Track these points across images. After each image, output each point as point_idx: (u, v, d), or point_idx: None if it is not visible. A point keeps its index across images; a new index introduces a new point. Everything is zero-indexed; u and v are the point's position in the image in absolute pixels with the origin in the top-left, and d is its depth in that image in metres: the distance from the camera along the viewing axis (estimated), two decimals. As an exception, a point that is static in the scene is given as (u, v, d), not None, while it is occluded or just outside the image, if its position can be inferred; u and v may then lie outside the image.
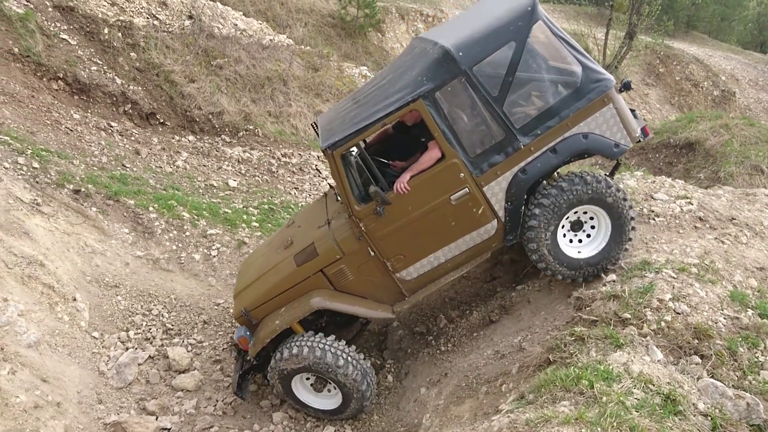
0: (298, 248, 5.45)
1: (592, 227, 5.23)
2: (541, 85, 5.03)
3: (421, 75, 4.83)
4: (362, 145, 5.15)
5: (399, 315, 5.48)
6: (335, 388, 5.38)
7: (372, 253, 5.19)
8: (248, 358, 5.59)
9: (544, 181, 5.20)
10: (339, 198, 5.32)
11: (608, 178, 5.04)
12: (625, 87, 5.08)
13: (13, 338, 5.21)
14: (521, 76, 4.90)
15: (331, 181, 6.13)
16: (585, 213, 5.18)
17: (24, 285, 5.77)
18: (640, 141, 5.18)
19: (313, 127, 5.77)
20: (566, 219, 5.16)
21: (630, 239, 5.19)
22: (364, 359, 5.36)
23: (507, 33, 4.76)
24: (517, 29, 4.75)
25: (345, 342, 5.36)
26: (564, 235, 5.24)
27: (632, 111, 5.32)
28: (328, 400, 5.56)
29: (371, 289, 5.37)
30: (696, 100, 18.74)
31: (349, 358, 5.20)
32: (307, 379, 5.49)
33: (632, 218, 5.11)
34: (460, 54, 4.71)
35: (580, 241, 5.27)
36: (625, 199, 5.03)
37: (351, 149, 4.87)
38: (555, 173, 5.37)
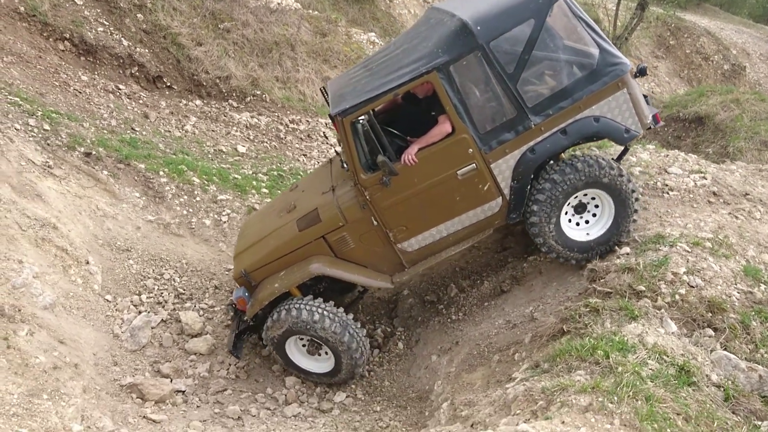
0: (301, 213, 5.46)
1: (596, 206, 5.24)
2: (556, 65, 5.00)
3: (437, 47, 4.77)
4: (371, 113, 5.09)
5: (397, 286, 5.53)
6: (328, 352, 5.45)
7: (375, 223, 5.20)
8: (245, 318, 5.64)
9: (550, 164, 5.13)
10: (345, 165, 5.30)
11: (600, 158, 4.99)
12: (641, 72, 5.04)
13: (30, 300, 5.25)
14: (537, 54, 4.86)
15: (339, 148, 6.09)
16: (585, 195, 5.18)
17: (38, 247, 5.79)
18: (650, 128, 5.15)
19: (323, 92, 5.75)
20: (568, 205, 5.17)
21: (636, 210, 5.17)
22: (359, 325, 5.42)
23: (527, 10, 4.70)
24: (537, 7, 4.68)
25: (341, 308, 5.41)
26: (569, 221, 5.25)
27: (645, 97, 5.29)
28: (321, 364, 5.63)
29: (372, 259, 5.40)
30: (706, 74, 18.55)
31: (343, 323, 5.25)
32: (302, 341, 5.55)
33: (633, 191, 5.08)
34: (479, 28, 4.65)
35: (587, 222, 5.28)
36: (621, 175, 5.00)
37: (360, 117, 4.83)
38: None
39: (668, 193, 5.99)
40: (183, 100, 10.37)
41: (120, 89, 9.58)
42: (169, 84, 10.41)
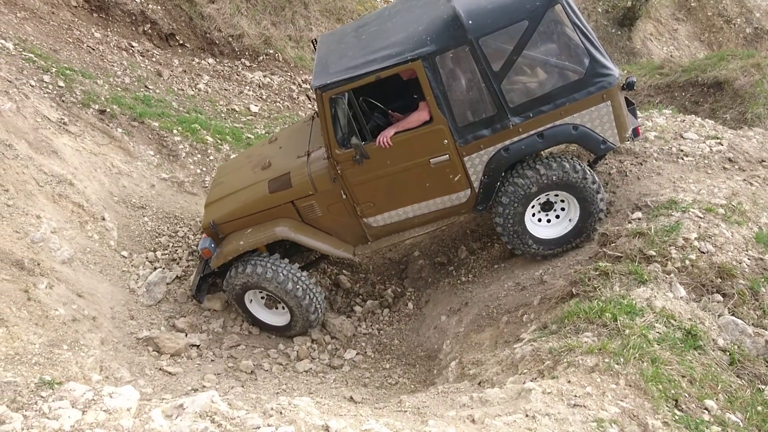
0: (274, 174, 5.53)
1: (563, 208, 5.33)
2: (543, 69, 4.98)
3: (426, 33, 4.71)
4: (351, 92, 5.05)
5: (358, 258, 5.65)
6: (285, 307, 5.61)
7: (344, 196, 5.28)
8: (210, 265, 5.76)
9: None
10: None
11: (571, 161, 5.03)
12: (628, 87, 5.01)
13: (48, 254, 5.36)
14: (526, 56, 4.82)
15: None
16: (556, 195, 5.25)
17: (55, 203, 5.88)
18: (629, 141, 5.19)
19: (313, 44, 5.76)
20: (536, 201, 5.25)
21: (600, 216, 5.25)
22: (319, 289, 5.60)
23: (522, 11, 4.61)
24: (533, 8, 4.60)
25: (300, 266, 5.55)
26: (533, 216, 5.35)
27: (632, 107, 5.34)
28: (277, 317, 5.82)
29: (337, 228, 5.51)
30: (727, 38, 18.08)
31: (299, 282, 5.41)
32: (260, 295, 5.72)
33: (602, 199, 5.17)
34: (470, 22, 4.58)
35: (548, 221, 5.39)
36: (588, 180, 5.04)
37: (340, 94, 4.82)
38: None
39: (683, 159, 5.95)
40: (196, 58, 10.32)
41: (133, 47, 9.54)
42: (181, 42, 10.35)
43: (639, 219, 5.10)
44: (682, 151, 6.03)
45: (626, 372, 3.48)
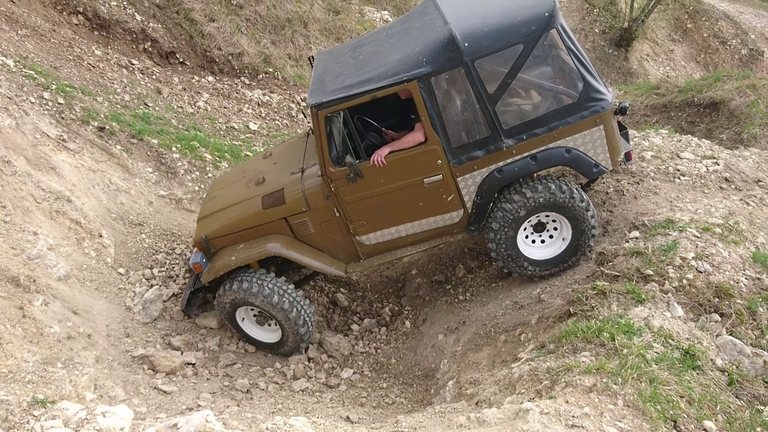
0: (268, 189, 5.52)
1: (555, 228, 5.36)
2: (538, 92, 5.03)
3: (423, 54, 4.75)
4: (347, 111, 5.07)
5: (350, 276, 5.65)
6: (276, 324, 5.60)
7: (337, 214, 5.28)
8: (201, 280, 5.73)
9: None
10: None
11: (563, 183, 5.06)
12: (621, 111, 5.06)
13: (44, 271, 5.34)
14: (521, 78, 4.87)
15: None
16: (547, 216, 5.27)
17: (52, 220, 5.87)
18: (621, 165, 5.22)
19: (310, 62, 5.78)
20: (528, 223, 5.28)
21: (593, 236, 5.27)
22: (307, 302, 5.58)
23: (518, 34, 4.65)
24: (528, 33, 4.64)
25: (292, 284, 5.53)
26: (527, 237, 5.38)
27: (624, 132, 5.39)
28: (269, 334, 5.79)
29: (329, 246, 5.50)
30: (723, 59, 18.27)
31: (291, 299, 5.41)
32: (253, 311, 5.70)
33: (592, 216, 5.17)
34: (466, 44, 4.62)
35: (542, 241, 5.41)
36: (579, 201, 5.07)
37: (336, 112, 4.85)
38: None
39: (680, 179, 5.97)
40: (195, 76, 10.38)
41: (133, 64, 9.60)
42: (181, 60, 10.43)
43: (636, 238, 5.11)
44: (678, 170, 6.06)
45: (624, 392, 3.46)
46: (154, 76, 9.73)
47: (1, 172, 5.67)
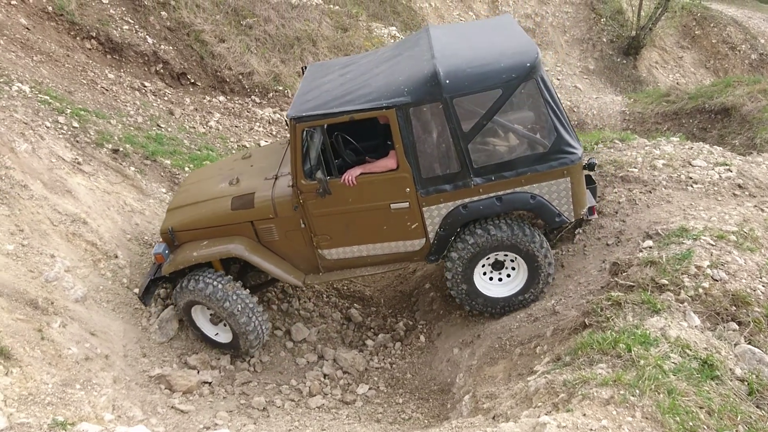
0: (239, 191, 5.60)
1: (513, 268, 5.48)
2: (511, 137, 5.13)
3: (405, 84, 4.86)
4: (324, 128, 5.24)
5: (307, 287, 5.71)
6: (227, 325, 5.65)
7: (302, 225, 5.37)
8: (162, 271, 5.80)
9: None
10: None
11: (524, 226, 5.19)
12: (590, 167, 5.24)
13: (62, 293, 5.40)
14: (496, 121, 4.99)
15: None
16: (506, 255, 5.39)
17: (69, 242, 5.95)
18: (582, 219, 5.36)
19: (302, 71, 5.93)
20: (486, 260, 5.40)
21: (548, 281, 5.42)
22: (260, 309, 5.62)
23: (498, 80, 4.76)
24: (508, 79, 4.74)
25: (247, 289, 5.60)
26: (484, 274, 5.52)
27: (593, 186, 5.52)
28: (221, 334, 5.85)
29: (291, 255, 5.58)
30: (732, 64, 18.20)
31: (243, 304, 5.47)
32: (208, 310, 5.74)
33: (550, 263, 5.31)
34: (447, 82, 4.73)
35: (500, 279, 5.55)
36: (537, 245, 5.20)
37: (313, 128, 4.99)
38: None
39: (692, 186, 5.94)
40: (207, 96, 10.51)
41: (145, 86, 9.74)
42: (193, 81, 10.57)
43: (650, 247, 5.08)
44: (691, 178, 6.03)
45: (642, 404, 3.43)
46: (166, 98, 9.87)
47: (18, 197, 5.77)
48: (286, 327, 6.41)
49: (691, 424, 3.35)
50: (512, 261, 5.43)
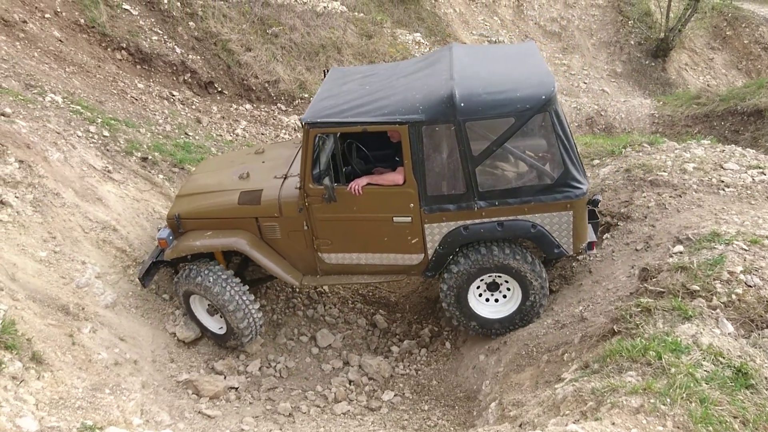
0: (248, 186, 5.68)
1: (508, 289, 5.49)
2: (519, 165, 5.15)
3: (421, 102, 4.88)
4: (336, 136, 5.31)
5: (304, 288, 5.80)
6: (221, 315, 5.73)
7: (305, 227, 5.42)
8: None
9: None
10: None
11: (520, 249, 5.20)
12: (593, 203, 5.24)
13: (92, 299, 5.51)
14: (506, 148, 4.99)
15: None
16: (500, 277, 5.41)
17: (99, 249, 6.06)
18: (580, 253, 5.40)
19: (324, 74, 6.00)
20: (480, 281, 5.43)
21: (541, 303, 5.42)
22: (256, 306, 5.71)
23: (512, 109, 4.75)
24: (522, 110, 4.73)
25: (246, 285, 5.67)
26: (480, 295, 5.55)
27: (595, 221, 5.50)
28: (216, 324, 5.94)
29: (291, 254, 5.66)
30: (766, 65, 17.80)
31: (238, 299, 5.55)
32: (205, 301, 5.81)
33: (542, 287, 5.31)
34: (462, 105, 4.73)
35: (496, 300, 5.56)
36: (533, 269, 5.21)
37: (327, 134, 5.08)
38: None
39: (724, 190, 5.81)
40: (233, 104, 10.65)
41: (174, 95, 9.91)
42: (220, 89, 10.71)
43: (681, 253, 4.97)
44: (723, 182, 5.89)
45: (673, 413, 3.35)
46: (193, 106, 10.02)
47: (51, 204, 5.90)
48: (311, 333, 6.43)
49: (724, 434, 3.26)
50: (506, 282, 5.46)
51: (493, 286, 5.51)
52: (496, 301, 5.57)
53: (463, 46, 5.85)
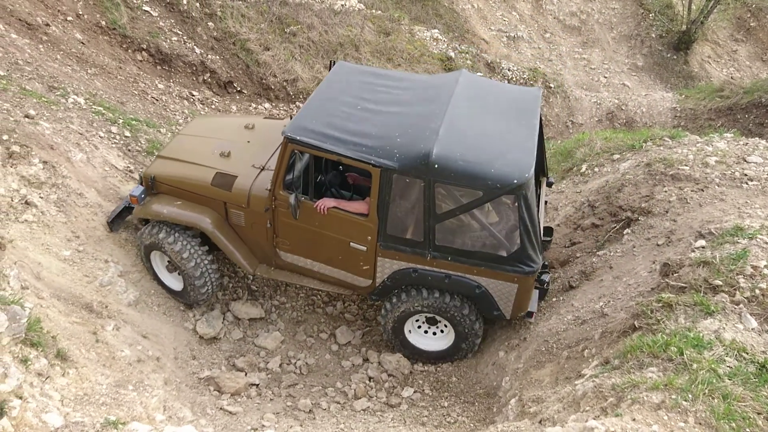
0: (225, 168, 5.77)
1: (445, 325, 5.73)
2: (477, 232, 5.26)
3: (399, 149, 4.94)
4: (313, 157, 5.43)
5: (255, 276, 6.21)
6: (180, 273, 5.92)
7: (269, 225, 5.61)
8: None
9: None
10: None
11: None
12: (540, 283, 5.42)
13: (115, 297, 5.60)
14: (471, 213, 5.12)
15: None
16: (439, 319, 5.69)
17: (121, 248, 6.16)
18: (520, 318, 5.55)
19: (330, 64, 6.14)
20: (420, 315, 5.66)
21: (470, 350, 5.78)
22: (214, 267, 5.95)
23: (482, 183, 4.82)
24: (492, 187, 4.80)
25: (206, 247, 5.87)
26: (419, 327, 5.84)
27: (544, 289, 5.67)
28: (173, 281, 6.13)
29: (251, 243, 5.88)
30: (791, 56, 17.45)
31: (197, 259, 5.77)
32: (165, 258, 5.99)
33: (477, 336, 5.63)
34: (436, 166, 4.81)
35: (434, 333, 5.85)
36: (469, 317, 5.46)
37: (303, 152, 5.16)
38: None
39: (747, 183, 5.71)
40: (252, 103, 10.72)
41: (193, 95, 10.01)
42: (239, 89, 10.79)
43: (703, 247, 4.90)
44: (746, 175, 5.80)
45: (695, 409, 3.31)
46: (213, 106, 10.11)
47: (74, 204, 6.00)
48: (330, 330, 6.46)
49: (748, 430, 3.22)
50: (442, 322, 5.70)
51: (432, 320, 5.75)
52: (434, 334, 5.83)
53: (469, 80, 5.75)
